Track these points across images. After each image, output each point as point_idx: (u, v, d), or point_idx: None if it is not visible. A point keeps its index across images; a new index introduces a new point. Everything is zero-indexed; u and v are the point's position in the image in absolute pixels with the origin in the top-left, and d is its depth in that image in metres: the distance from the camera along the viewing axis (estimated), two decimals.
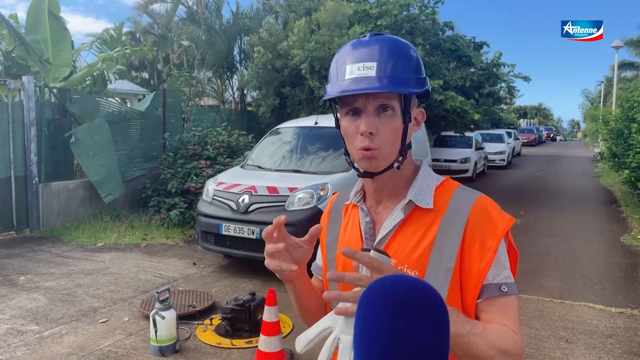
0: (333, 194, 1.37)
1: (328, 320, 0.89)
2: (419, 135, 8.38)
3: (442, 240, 1.00)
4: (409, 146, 1.08)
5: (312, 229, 1.04)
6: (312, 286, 1.17)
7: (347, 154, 1.10)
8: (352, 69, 1.02)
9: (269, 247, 1.02)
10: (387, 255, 0.87)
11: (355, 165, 1.09)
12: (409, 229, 1.04)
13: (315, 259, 1.28)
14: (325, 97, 1.06)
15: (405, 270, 1.01)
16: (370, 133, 1.01)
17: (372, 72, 1.00)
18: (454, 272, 0.99)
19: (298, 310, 1.18)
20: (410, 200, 1.05)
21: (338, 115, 1.11)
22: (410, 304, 0.60)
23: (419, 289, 0.62)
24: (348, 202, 1.18)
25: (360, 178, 1.13)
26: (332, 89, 1.04)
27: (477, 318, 0.99)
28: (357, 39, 1.07)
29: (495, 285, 0.98)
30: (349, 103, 1.04)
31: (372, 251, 0.86)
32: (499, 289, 0.98)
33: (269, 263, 1.03)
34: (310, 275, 1.28)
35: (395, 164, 1.04)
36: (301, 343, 0.91)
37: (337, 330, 0.85)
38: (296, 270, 1.01)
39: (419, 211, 1.04)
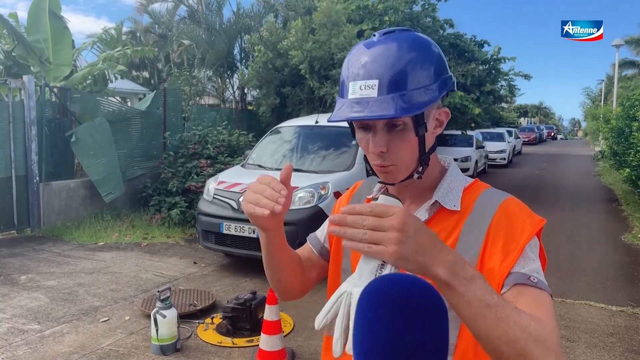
0: (347, 189, 1.33)
1: (345, 286, 0.82)
2: None
3: (464, 241, 0.96)
4: (432, 149, 1.03)
5: (285, 170, 0.96)
6: (285, 243, 1.09)
7: (366, 160, 1.04)
8: (355, 88, 0.95)
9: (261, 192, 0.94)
10: (398, 198, 0.83)
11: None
12: (433, 230, 0.99)
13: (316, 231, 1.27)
14: (330, 120, 0.99)
15: None
16: (382, 152, 0.97)
17: (374, 92, 0.92)
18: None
19: (266, 265, 1.12)
20: (436, 201, 1.02)
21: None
22: (410, 302, 0.60)
23: (419, 287, 0.62)
24: (370, 196, 1.12)
25: None
26: (337, 109, 0.98)
27: None
28: (365, 41, 0.99)
29: (523, 274, 0.89)
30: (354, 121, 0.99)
31: (380, 196, 0.82)
32: (528, 278, 0.88)
33: (245, 207, 0.95)
34: (301, 244, 1.27)
35: (416, 175, 1.01)
36: (318, 319, 0.83)
37: (349, 285, 0.80)
38: (267, 215, 0.92)
39: (444, 212, 1.01)
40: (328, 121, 1.03)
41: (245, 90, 14.03)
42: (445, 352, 0.60)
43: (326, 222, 1.23)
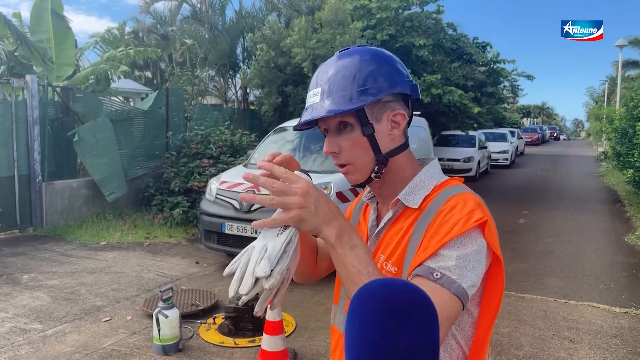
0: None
1: (250, 245, 0.92)
2: (422, 135, 8.37)
3: (414, 237, 1.01)
4: (396, 151, 1.07)
5: (281, 158, 1.05)
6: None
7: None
8: (308, 97, 1.07)
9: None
10: (308, 175, 0.97)
11: None
12: (395, 227, 1.07)
13: None
14: (294, 128, 1.14)
15: (387, 266, 1.04)
16: (334, 152, 1.06)
17: (317, 98, 1.04)
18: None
19: None
20: (398, 198, 1.07)
21: None
22: (400, 306, 0.61)
23: (408, 291, 0.63)
24: (364, 200, 1.23)
25: None
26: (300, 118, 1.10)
27: None
28: (325, 61, 1.11)
29: (427, 267, 0.92)
30: (320, 125, 1.09)
31: (295, 171, 0.96)
32: (431, 273, 0.91)
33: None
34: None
35: (373, 175, 1.07)
36: (227, 268, 0.91)
37: (254, 243, 0.91)
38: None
39: (408, 211, 1.06)
40: (294, 128, 1.19)
41: (248, 90, 14.04)
42: (436, 354, 0.61)
43: None
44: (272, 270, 0.85)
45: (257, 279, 0.85)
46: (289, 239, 0.90)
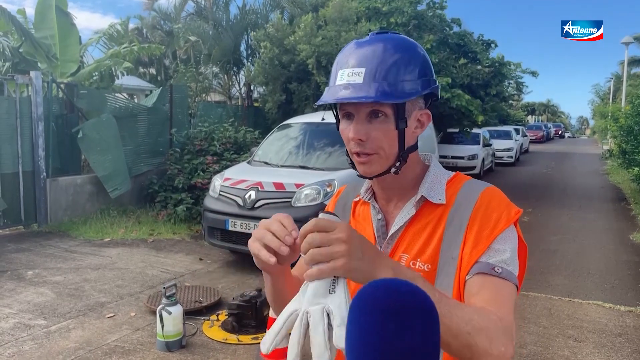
0: (340, 187, 1.33)
1: (292, 305, 0.80)
2: (426, 132, 8.33)
3: (450, 231, 1.00)
4: (412, 149, 1.06)
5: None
6: (291, 281, 1.06)
7: (347, 154, 1.10)
8: (343, 75, 1.01)
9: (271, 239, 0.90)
10: (336, 215, 0.85)
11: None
12: (419, 224, 1.04)
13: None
14: (317, 104, 1.07)
15: (417, 265, 1.01)
16: (361, 140, 1.01)
17: (360, 79, 0.98)
18: (458, 260, 0.97)
19: (270, 299, 1.10)
20: (422, 195, 1.05)
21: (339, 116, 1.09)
22: (400, 307, 0.60)
23: (409, 292, 0.63)
24: (357, 199, 1.17)
25: None
26: (323, 95, 1.04)
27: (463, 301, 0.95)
28: (357, 39, 1.05)
29: (487, 263, 0.94)
30: (343, 107, 1.03)
31: (320, 214, 0.83)
32: (492, 268, 0.93)
33: (252, 244, 0.93)
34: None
35: (393, 170, 1.04)
36: (265, 342, 0.80)
37: (304, 304, 0.77)
38: (274, 262, 0.89)
39: (430, 206, 1.04)
40: (315, 105, 1.10)
41: (252, 87, 14.03)
42: (437, 355, 0.61)
43: None
44: None
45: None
46: (347, 294, 0.78)
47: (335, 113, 1.10)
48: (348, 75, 1.00)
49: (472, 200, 1.01)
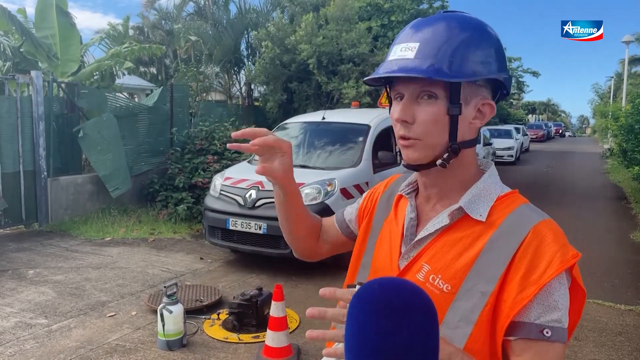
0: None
1: None
2: None
3: (486, 259, 0.87)
4: (468, 144, 0.94)
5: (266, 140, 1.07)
6: (300, 202, 1.17)
7: (395, 141, 1.05)
8: (396, 50, 0.92)
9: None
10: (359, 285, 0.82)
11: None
12: (452, 237, 0.92)
13: (346, 209, 1.26)
14: (364, 80, 0.99)
15: (436, 282, 0.90)
16: (405, 121, 0.91)
17: (411, 54, 0.88)
18: (490, 296, 0.85)
19: (280, 218, 1.19)
20: (460, 206, 0.92)
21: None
22: (399, 305, 0.61)
23: (408, 291, 0.63)
24: (399, 192, 1.08)
25: None
26: (374, 72, 0.95)
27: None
28: (421, 18, 0.96)
29: (536, 325, 0.83)
30: (394, 88, 0.94)
31: (357, 286, 0.79)
32: (541, 331, 0.83)
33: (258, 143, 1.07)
34: (329, 214, 1.31)
35: (439, 161, 0.92)
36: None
37: None
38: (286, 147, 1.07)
39: (468, 220, 0.92)
40: (362, 80, 1.08)
41: (252, 86, 14.04)
42: (435, 355, 0.61)
43: (359, 200, 1.23)
44: None
45: None
46: None
47: (388, 95, 1.00)
48: (401, 50, 0.91)
49: (522, 231, 0.87)
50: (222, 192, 5.93)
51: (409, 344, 0.59)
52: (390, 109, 0.98)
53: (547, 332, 0.83)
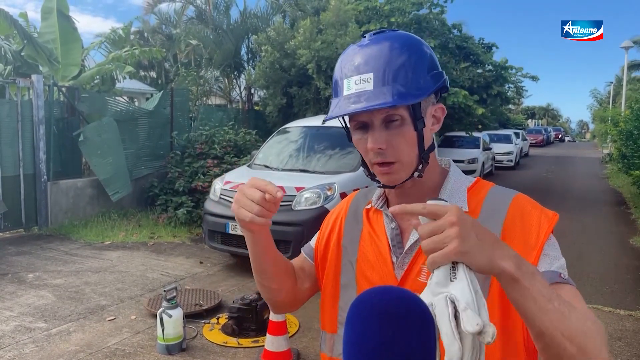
0: (354, 190, 1.29)
1: (424, 297, 0.73)
2: None
3: None
4: (431, 148, 1.00)
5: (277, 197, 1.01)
6: (273, 247, 1.09)
7: (364, 165, 1.02)
8: (350, 84, 0.94)
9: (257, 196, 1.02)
10: (445, 200, 0.82)
11: (376, 177, 1.01)
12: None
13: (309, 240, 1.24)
14: (326, 119, 0.98)
15: None
16: (380, 149, 0.94)
17: (370, 85, 0.91)
18: (492, 277, 0.87)
19: (255, 270, 1.11)
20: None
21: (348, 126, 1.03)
22: (396, 313, 0.62)
23: (405, 298, 0.64)
24: (369, 206, 1.10)
25: None
26: (332, 109, 0.97)
27: None
28: (354, 43, 0.99)
29: (553, 272, 0.88)
30: (354, 118, 0.97)
31: (428, 201, 0.78)
32: (559, 275, 0.87)
33: (238, 209, 1.03)
34: (295, 254, 1.26)
35: (416, 174, 0.98)
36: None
37: (429, 296, 0.73)
38: (249, 220, 1.00)
39: None
40: (323, 121, 1.04)
41: (252, 91, 14.07)
42: (432, 359, 0.62)
43: (317, 234, 1.20)
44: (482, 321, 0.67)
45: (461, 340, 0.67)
46: (469, 278, 0.72)
47: (344, 125, 1.03)
48: (356, 84, 0.93)
49: (502, 210, 0.95)
50: (222, 196, 5.94)
51: (406, 350, 0.60)
52: (349, 138, 1.02)
53: (563, 276, 0.88)
